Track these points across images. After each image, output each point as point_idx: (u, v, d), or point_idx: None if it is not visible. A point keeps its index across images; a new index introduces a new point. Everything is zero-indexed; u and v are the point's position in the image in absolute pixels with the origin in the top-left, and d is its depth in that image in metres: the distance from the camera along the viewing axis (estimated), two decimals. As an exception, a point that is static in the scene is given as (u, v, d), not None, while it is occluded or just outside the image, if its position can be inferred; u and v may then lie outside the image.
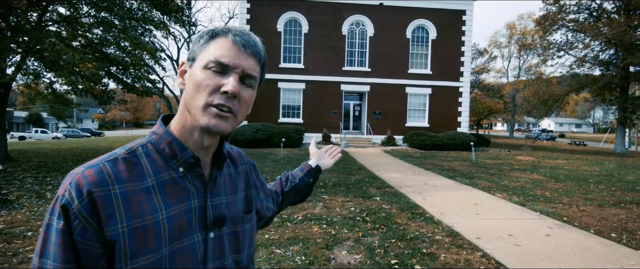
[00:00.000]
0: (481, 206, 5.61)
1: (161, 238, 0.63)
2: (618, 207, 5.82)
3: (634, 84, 27.23)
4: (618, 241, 4.03)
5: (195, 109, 0.65)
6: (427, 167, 10.47)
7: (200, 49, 0.67)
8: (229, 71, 0.65)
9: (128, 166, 0.65)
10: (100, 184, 0.60)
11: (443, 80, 19.44)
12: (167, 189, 0.66)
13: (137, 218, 0.62)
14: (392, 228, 4.31)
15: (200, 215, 0.69)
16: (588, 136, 58.54)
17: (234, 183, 0.80)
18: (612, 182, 8.59)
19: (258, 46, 0.69)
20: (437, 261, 3.30)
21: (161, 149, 0.68)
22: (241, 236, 0.77)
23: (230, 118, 0.66)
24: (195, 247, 0.67)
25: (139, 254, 0.61)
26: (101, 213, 0.59)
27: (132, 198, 0.62)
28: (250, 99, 0.70)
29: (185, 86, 0.68)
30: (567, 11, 24.91)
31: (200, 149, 0.70)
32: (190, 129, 0.68)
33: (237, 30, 0.68)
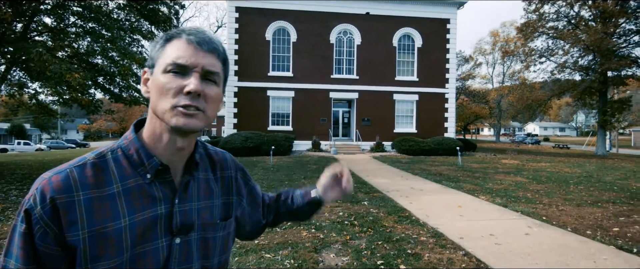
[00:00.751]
0: (465, 208, 5.79)
1: (122, 244, 0.64)
2: (595, 206, 6.07)
3: (613, 89, 28.28)
4: (593, 238, 4.23)
5: (162, 113, 0.65)
6: (414, 172, 10.67)
7: (157, 54, 0.67)
8: (189, 70, 0.65)
9: (95, 171, 0.65)
10: (64, 190, 0.61)
11: (429, 87, 19.86)
12: (133, 196, 0.66)
13: (99, 224, 0.62)
14: (379, 230, 4.43)
15: (166, 221, 0.69)
16: (571, 139, 60.12)
17: (211, 189, 0.79)
18: (591, 183, 8.92)
19: (214, 42, 0.68)
20: (421, 261, 3.43)
21: (130, 155, 0.68)
22: (211, 242, 0.76)
23: (199, 115, 0.65)
24: (158, 252, 0.67)
25: (99, 259, 0.62)
26: (63, 218, 0.60)
27: (95, 205, 0.63)
28: (216, 95, 0.69)
29: (150, 93, 0.68)
30: (546, 19, 25.82)
31: (173, 154, 0.70)
32: (160, 134, 0.68)
33: (191, 30, 0.68)
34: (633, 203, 6.41)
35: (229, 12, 18.93)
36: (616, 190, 7.82)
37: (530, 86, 34.40)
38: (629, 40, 24.17)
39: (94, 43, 10.31)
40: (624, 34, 24.21)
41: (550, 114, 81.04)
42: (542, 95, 28.67)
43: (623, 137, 56.79)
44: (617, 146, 36.68)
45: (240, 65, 18.78)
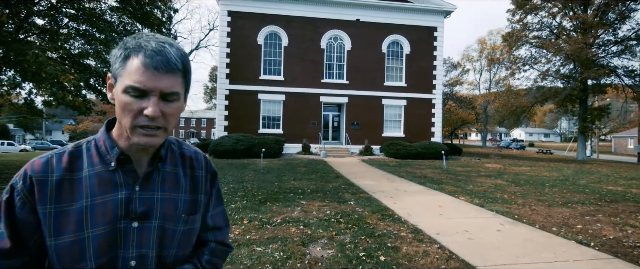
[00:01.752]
0: (445, 207, 6.16)
1: (82, 222, 0.72)
2: (565, 206, 6.51)
3: (593, 96, 29.37)
4: (557, 234, 4.63)
5: (125, 128, 0.72)
6: (400, 174, 11.05)
7: (118, 70, 0.70)
8: (148, 94, 0.68)
9: (71, 158, 0.76)
10: (41, 171, 0.73)
11: (417, 92, 20.39)
12: (97, 180, 0.75)
13: (64, 203, 0.72)
14: (363, 227, 4.75)
15: (126, 206, 0.75)
16: (555, 145, 61.74)
17: (178, 183, 0.84)
18: (565, 185, 9.42)
19: (171, 62, 0.69)
20: (400, 253, 3.75)
21: (99, 146, 0.78)
22: (170, 233, 0.80)
23: (159, 133, 0.72)
24: (116, 233, 0.74)
25: (61, 233, 0.71)
26: (36, 193, 0.72)
27: (64, 186, 0.73)
28: (176, 110, 0.74)
29: (115, 102, 0.73)
30: (530, 29, 26.78)
31: (137, 152, 0.78)
32: (126, 136, 0.75)
33: (149, 50, 0.68)
34: (600, 204, 6.88)
35: (221, 16, 19.15)
36: (587, 192, 8.31)
37: (515, 92, 35.46)
38: (608, 50, 25.23)
39: (87, 45, 10.42)
40: (603, 44, 25.26)
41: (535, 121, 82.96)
42: (526, 101, 29.56)
43: (604, 143, 58.66)
44: (598, 152, 37.93)
45: (232, 68, 18.98)
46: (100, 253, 0.73)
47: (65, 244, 0.72)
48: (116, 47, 0.73)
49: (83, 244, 0.72)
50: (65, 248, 0.72)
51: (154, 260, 0.78)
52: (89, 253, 0.72)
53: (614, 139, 50.67)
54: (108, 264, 0.74)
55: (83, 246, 0.72)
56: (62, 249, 0.72)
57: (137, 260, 0.77)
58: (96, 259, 0.73)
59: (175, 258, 0.82)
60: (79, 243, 0.72)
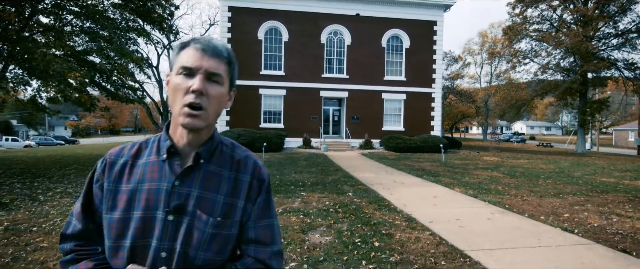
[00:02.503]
0: (440, 198, 6.40)
1: (130, 203, 0.81)
2: (556, 197, 6.75)
3: (592, 89, 29.42)
4: (544, 222, 4.87)
5: (175, 112, 0.81)
6: (399, 167, 11.29)
7: (173, 60, 0.82)
8: (195, 72, 0.78)
9: (139, 148, 0.89)
10: (115, 155, 0.88)
11: (416, 86, 20.55)
12: (149, 168, 0.84)
13: (121, 183, 0.83)
14: (359, 216, 4.99)
15: (165, 197, 0.80)
16: (556, 138, 61.79)
17: (217, 183, 0.84)
18: (560, 177, 9.65)
19: (218, 48, 0.81)
20: (393, 239, 4.00)
21: (158, 140, 0.89)
22: (197, 233, 0.79)
23: (201, 115, 0.78)
24: (153, 221, 0.79)
25: (114, 209, 0.81)
26: (106, 172, 0.85)
27: (125, 169, 0.85)
28: (219, 94, 0.81)
29: (169, 92, 0.83)
30: (530, 22, 26.76)
31: (184, 144, 0.85)
32: (176, 127, 0.85)
33: (200, 40, 0.81)
34: (591, 194, 7.11)
35: (222, 11, 19.27)
36: (580, 184, 8.54)
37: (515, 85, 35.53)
38: (608, 43, 25.24)
39: (92, 42, 10.62)
40: (604, 37, 25.26)
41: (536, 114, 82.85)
42: (526, 95, 29.65)
43: (605, 136, 58.71)
44: (598, 145, 38.03)
45: (233, 63, 19.14)
46: (137, 236, 0.78)
47: (115, 220, 0.81)
48: (173, 49, 0.85)
49: (127, 223, 0.80)
50: (113, 222, 0.81)
51: (181, 257, 0.78)
52: (129, 232, 0.79)
53: (615, 131, 50.71)
54: (142, 249, 0.78)
55: (127, 224, 0.80)
56: (111, 223, 0.81)
57: (168, 253, 0.78)
58: (133, 240, 0.78)
59: (204, 262, 0.80)
60: (123, 221, 0.80)
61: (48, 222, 4.66)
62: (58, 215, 5.00)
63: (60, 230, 4.28)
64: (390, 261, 3.36)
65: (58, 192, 6.74)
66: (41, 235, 4.11)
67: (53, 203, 5.78)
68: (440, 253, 3.59)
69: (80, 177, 8.51)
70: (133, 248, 0.78)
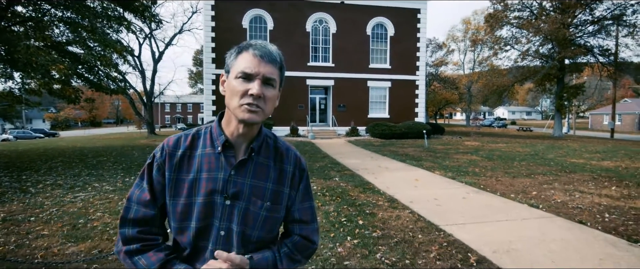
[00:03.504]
0: (421, 181, 6.80)
1: (192, 190, 0.90)
2: (527, 177, 7.25)
3: (570, 75, 30.50)
4: (513, 199, 5.31)
5: (233, 108, 0.88)
6: (384, 153, 11.69)
7: (231, 63, 0.90)
8: (253, 77, 0.85)
9: (193, 139, 0.96)
10: (173, 147, 0.94)
11: (401, 74, 20.92)
12: (206, 159, 0.92)
13: (182, 173, 0.92)
14: (345, 198, 5.32)
15: (223, 185, 0.90)
16: (536, 123, 63.76)
17: (266, 173, 0.96)
18: (534, 160, 10.23)
19: (273, 55, 0.88)
20: (376, 217, 4.34)
21: (213, 132, 0.96)
22: (252, 215, 0.93)
23: (259, 112, 0.86)
24: (214, 205, 0.90)
25: (177, 196, 0.91)
26: (167, 163, 0.92)
27: (184, 160, 0.93)
28: (273, 96, 0.90)
29: (225, 92, 0.91)
30: (511, 9, 27.33)
31: (238, 137, 0.92)
32: (230, 121, 0.92)
33: (257, 45, 0.88)
34: (559, 174, 7.65)
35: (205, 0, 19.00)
36: (552, 165, 9.12)
37: (497, 72, 36.37)
38: (584, 30, 26.10)
39: (73, 33, 10.43)
40: (580, 24, 26.09)
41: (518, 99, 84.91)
42: (506, 81, 30.49)
43: (581, 120, 60.96)
44: (575, 128, 39.56)
45: (218, 52, 19.03)
46: (201, 218, 0.90)
47: (179, 205, 0.91)
48: (230, 50, 0.93)
49: (191, 207, 0.90)
50: (178, 207, 0.91)
51: (239, 235, 0.91)
52: (194, 215, 0.90)
53: (591, 115, 52.64)
54: (205, 228, 0.91)
55: (191, 208, 0.90)
56: (176, 208, 0.91)
57: (226, 232, 0.91)
58: (198, 221, 0.90)
59: (257, 239, 0.94)
60: (188, 206, 0.91)
61: (44, 212, 4.80)
62: (53, 206, 5.14)
63: (58, 219, 4.45)
64: (373, 236, 3.70)
65: (48, 184, 6.81)
66: (40, 224, 4.26)
67: (45, 195, 5.88)
68: (417, 228, 3.96)
69: (67, 170, 8.54)
70: (198, 228, 0.90)
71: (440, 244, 3.45)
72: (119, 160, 10.25)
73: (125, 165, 9.14)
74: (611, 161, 10.01)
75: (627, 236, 3.73)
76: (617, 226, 4.05)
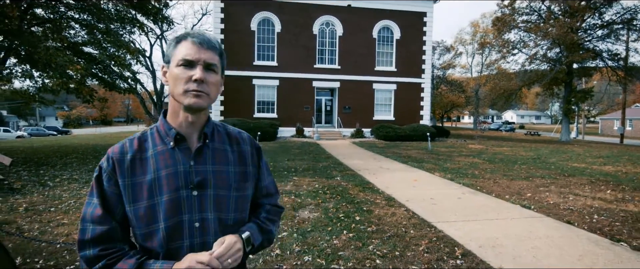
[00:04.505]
0: (420, 181, 7.01)
1: (153, 190, 0.89)
2: (525, 180, 7.40)
3: (577, 79, 30.27)
4: (507, 200, 5.50)
5: (178, 96, 0.88)
6: (387, 155, 11.90)
7: (171, 52, 0.91)
8: (195, 64, 0.87)
9: (139, 141, 0.94)
10: (119, 153, 0.92)
11: (406, 77, 21.09)
12: (160, 157, 0.91)
13: (137, 176, 0.90)
14: (345, 196, 5.57)
15: (185, 177, 0.90)
16: (546, 127, 63.09)
17: (225, 157, 0.98)
18: (535, 163, 10.34)
19: (212, 41, 0.90)
20: (372, 214, 4.59)
21: (160, 130, 0.95)
22: (225, 199, 0.94)
23: (204, 96, 0.88)
24: (180, 200, 0.89)
25: (137, 200, 0.89)
26: (117, 170, 0.90)
27: (136, 163, 0.91)
28: (216, 81, 0.91)
29: (169, 82, 0.91)
30: (519, 13, 27.29)
31: (188, 126, 0.92)
32: (177, 112, 0.92)
33: (195, 34, 0.90)
34: (558, 178, 7.79)
35: (215, 3, 19.44)
36: (552, 168, 9.24)
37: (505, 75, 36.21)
38: (593, 34, 25.92)
39: (89, 34, 10.88)
40: (589, 28, 25.93)
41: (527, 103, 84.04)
42: (513, 85, 30.38)
43: (592, 125, 60.18)
44: (584, 133, 39.14)
45: (226, 54, 19.37)
46: (169, 216, 0.89)
47: (141, 209, 0.89)
48: (169, 41, 0.96)
49: (155, 208, 0.89)
50: (141, 212, 0.89)
51: (216, 222, 0.93)
52: (160, 216, 0.89)
53: (601, 120, 51.97)
54: (175, 226, 0.90)
55: (155, 210, 0.89)
56: (139, 213, 0.89)
57: (200, 222, 0.91)
58: (165, 221, 0.89)
59: (234, 221, 0.96)
60: (151, 208, 0.89)
61: (63, 203, 5.15)
62: (71, 198, 5.49)
63: (76, 210, 4.79)
64: (368, 230, 3.94)
65: (65, 178, 7.19)
66: (60, 214, 4.61)
67: (63, 188, 6.25)
68: (410, 224, 4.19)
69: (82, 166, 8.94)
70: (167, 227, 0.89)
71: (429, 239, 3.68)
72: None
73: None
74: (613, 165, 10.08)
75: (611, 235, 3.92)
76: (604, 227, 4.23)
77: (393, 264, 3.07)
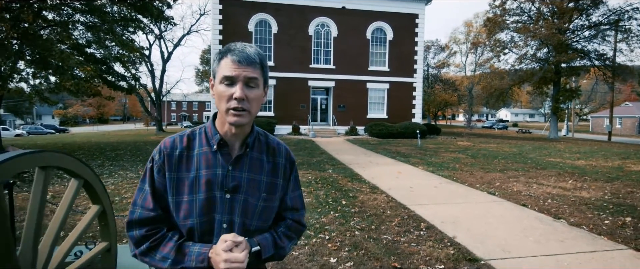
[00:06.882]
0: (403, 173, 7.74)
1: (193, 187, 0.98)
2: (500, 172, 8.16)
3: (565, 78, 31.15)
4: (477, 189, 6.24)
5: (222, 113, 0.96)
6: (378, 151, 12.63)
7: (215, 69, 0.97)
8: (235, 81, 0.93)
9: (188, 139, 1.03)
10: (170, 148, 1.00)
11: (399, 76, 21.84)
12: (203, 158, 1.00)
13: (182, 172, 0.99)
14: (335, 186, 6.29)
15: (222, 180, 0.98)
16: (538, 125, 64.19)
17: (262, 167, 1.04)
18: (515, 158, 11.12)
19: (251, 57, 0.94)
20: (357, 199, 5.31)
21: (207, 132, 1.03)
22: (251, 206, 1.01)
23: (245, 114, 0.94)
24: (215, 199, 0.98)
25: (180, 193, 0.98)
26: (166, 163, 0.99)
27: (182, 159, 1.00)
28: (257, 95, 0.96)
29: (214, 96, 0.98)
30: (510, 13, 28.09)
31: (231, 136, 1.01)
32: (223, 122, 1.00)
33: (236, 50, 0.94)
34: (530, 170, 8.56)
35: (213, 4, 20.05)
36: (529, 163, 10.01)
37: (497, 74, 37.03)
38: (580, 34, 26.79)
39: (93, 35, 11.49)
40: (577, 29, 26.79)
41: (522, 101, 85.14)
42: (504, 84, 31.21)
43: (584, 123, 61.36)
44: (573, 131, 40.08)
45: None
46: (203, 213, 0.97)
47: (182, 202, 0.97)
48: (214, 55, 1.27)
49: (192, 204, 0.97)
50: (180, 205, 0.97)
51: (240, 227, 0.99)
52: (196, 211, 0.97)
53: (592, 118, 53.04)
54: (207, 223, 0.98)
55: (192, 205, 0.97)
56: (178, 206, 0.97)
57: (228, 224, 0.98)
58: (200, 217, 0.97)
59: (256, 228, 1.02)
60: (189, 203, 0.97)
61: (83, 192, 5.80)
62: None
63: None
64: (351, 211, 4.66)
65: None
66: (84, 200, 5.28)
67: (80, 179, 6.90)
68: (388, 206, 4.92)
69: (91, 161, 9.56)
70: (201, 223, 0.97)
71: (402, 217, 4.41)
72: (136, 153, 11.30)
73: (143, 157, 10.17)
74: (585, 160, 10.88)
75: (555, 215, 4.66)
76: (551, 208, 4.98)
77: (369, 235, 3.79)
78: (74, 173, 1.77)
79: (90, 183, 1.83)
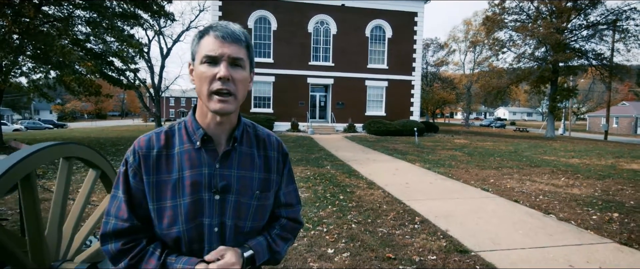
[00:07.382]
0: (400, 170, 7.89)
1: (176, 190, 0.87)
2: (495, 170, 8.32)
3: (563, 78, 31.35)
4: (471, 185, 6.40)
5: (203, 98, 0.85)
6: (375, 148, 12.78)
7: (195, 49, 0.87)
8: (219, 60, 0.82)
9: (167, 136, 0.91)
10: (145, 148, 0.89)
11: (398, 74, 21.96)
12: (186, 157, 0.89)
13: (162, 174, 0.88)
14: (333, 181, 6.43)
15: (209, 180, 0.88)
16: (536, 123, 64.51)
17: (253, 162, 0.94)
18: (510, 156, 11.29)
19: (236, 33, 0.84)
20: (354, 194, 5.45)
21: (188, 127, 0.92)
22: (245, 207, 0.91)
23: (231, 100, 0.84)
24: (202, 202, 0.88)
25: (161, 199, 0.88)
26: (142, 166, 0.88)
27: (161, 160, 0.89)
28: (243, 78, 0.86)
29: (194, 80, 0.87)
30: (509, 12, 28.20)
31: (216, 127, 0.90)
32: (205, 112, 0.89)
33: (218, 26, 0.84)
34: (524, 168, 8.72)
35: (213, 2, 20.07)
36: (524, 161, 10.17)
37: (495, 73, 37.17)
38: (578, 34, 26.95)
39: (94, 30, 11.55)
40: (575, 29, 26.95)
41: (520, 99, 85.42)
42: (502, 82, 31.37)
43: (581, 122, 61.70)
44: (570, 130, 40.36)
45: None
46: (189, 218, 0.87)
47: (164, 209, 0.87)
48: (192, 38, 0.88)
49: (177, 209, 0.87)
50: (163, 212, 0.88)
51: (232, 229, 0.90)
52: (181, 217, 0.87)
53: (590, 118, 53.34)
54: (195, 229, 0.88)
55: (177, 211, 0.87)
56: (161, 213, 0.88)
57: (219, 227, 0.89)
58: (186, 223, 0.87)
59: (250, 229, 0.93)
60: (173, 208, 0.87)
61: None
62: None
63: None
64: (349, 206, 4.80)
65: (81, 166, 7.95)
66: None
67: (85, 173, 7.03)
68: (384, 201, 5.06)
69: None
70: (188, 230, 0.88)
71: (397, 212, 4.55)
72: (136, 149, 11.40)
73: (143, 153, 10.28)
74: (579, 158, 11.06)
75: (545, 210, 4.82)
76: (542, 204, 5.14)
77: (365, 228, 3.93)
78: (92, 164, 1.90)
79: (106, 174, 1.96)
